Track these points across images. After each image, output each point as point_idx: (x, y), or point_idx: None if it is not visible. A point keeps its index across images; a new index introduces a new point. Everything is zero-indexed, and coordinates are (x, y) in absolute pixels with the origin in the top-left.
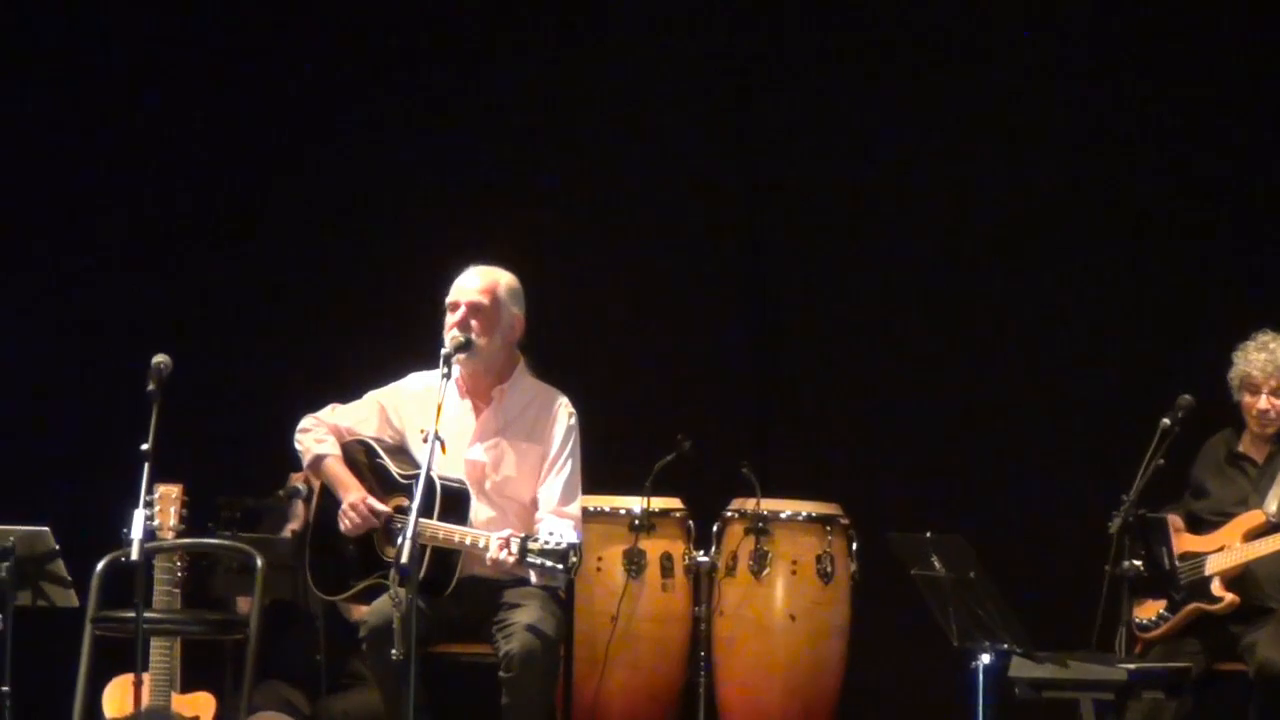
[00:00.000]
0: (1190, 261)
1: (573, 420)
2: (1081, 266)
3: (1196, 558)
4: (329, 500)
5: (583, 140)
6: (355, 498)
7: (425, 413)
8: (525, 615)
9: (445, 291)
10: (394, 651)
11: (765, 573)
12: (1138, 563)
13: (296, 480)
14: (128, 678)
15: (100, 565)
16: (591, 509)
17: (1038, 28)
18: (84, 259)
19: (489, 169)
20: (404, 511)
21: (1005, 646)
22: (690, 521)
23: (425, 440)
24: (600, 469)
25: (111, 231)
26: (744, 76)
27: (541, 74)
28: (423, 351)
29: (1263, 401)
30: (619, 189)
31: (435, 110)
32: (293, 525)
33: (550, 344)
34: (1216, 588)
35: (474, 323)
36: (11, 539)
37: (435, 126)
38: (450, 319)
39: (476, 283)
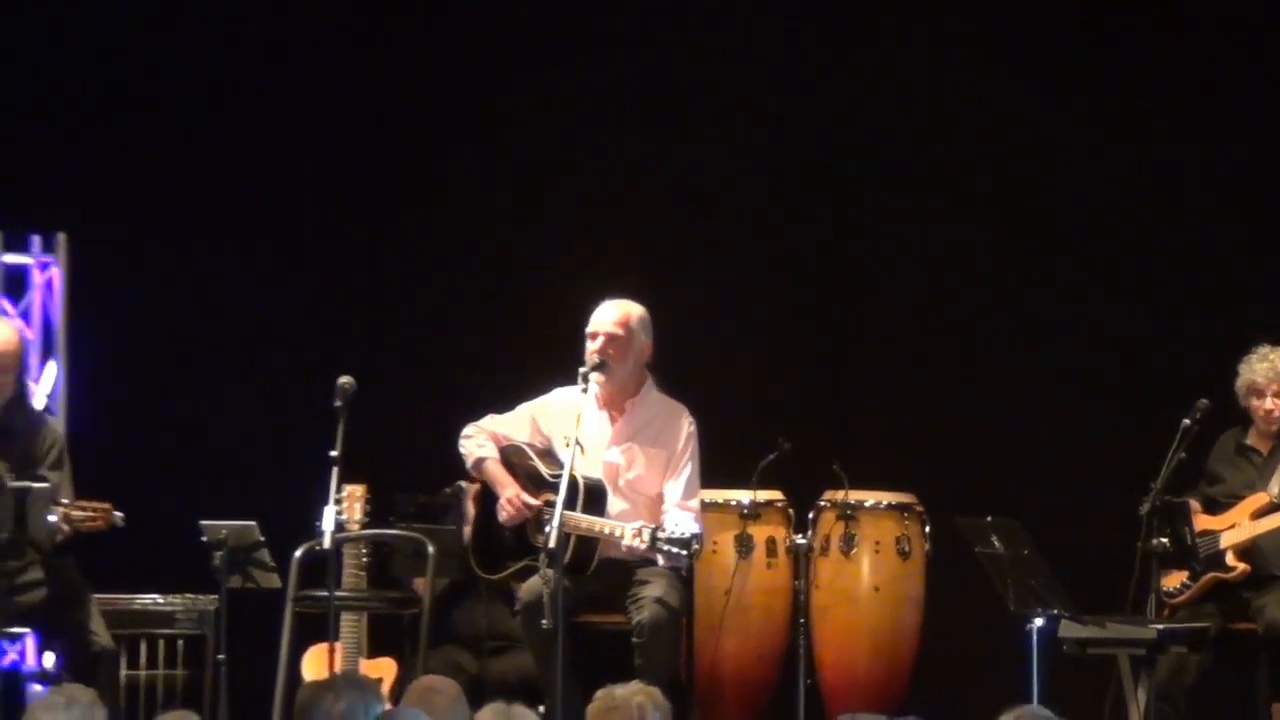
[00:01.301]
0: (1206, 280)
1: (692, 428)
2: (1110, 286)
3: (1212, 534)
4: (489, 496)
5: (685, 183)
6: (511, 493)
7: (568, 421)
8: (654, 590)
9: (583, 319)
10: (544, 622)
11: (853, 552)
12: (1164, 540)
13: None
14: (323, 647)
15: (298, 553)
16: (708, 501)
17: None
18: (291, 292)
19: (617, 211)
20: (551, 505)
21: (1055, 612)
22: (790, 510)
23: (568, 445)
24: (715, 467)
25: (313, 262)
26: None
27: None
28: (565, 370)
29: (1268, 403)
30: (726, 226)
31: (577, 150)
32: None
33: (676, 364)
34: (1230, 559)
35: (611, 350)
36: (224, 532)
37: (574, 168)
38: (591, 345)
39: (613, 315)
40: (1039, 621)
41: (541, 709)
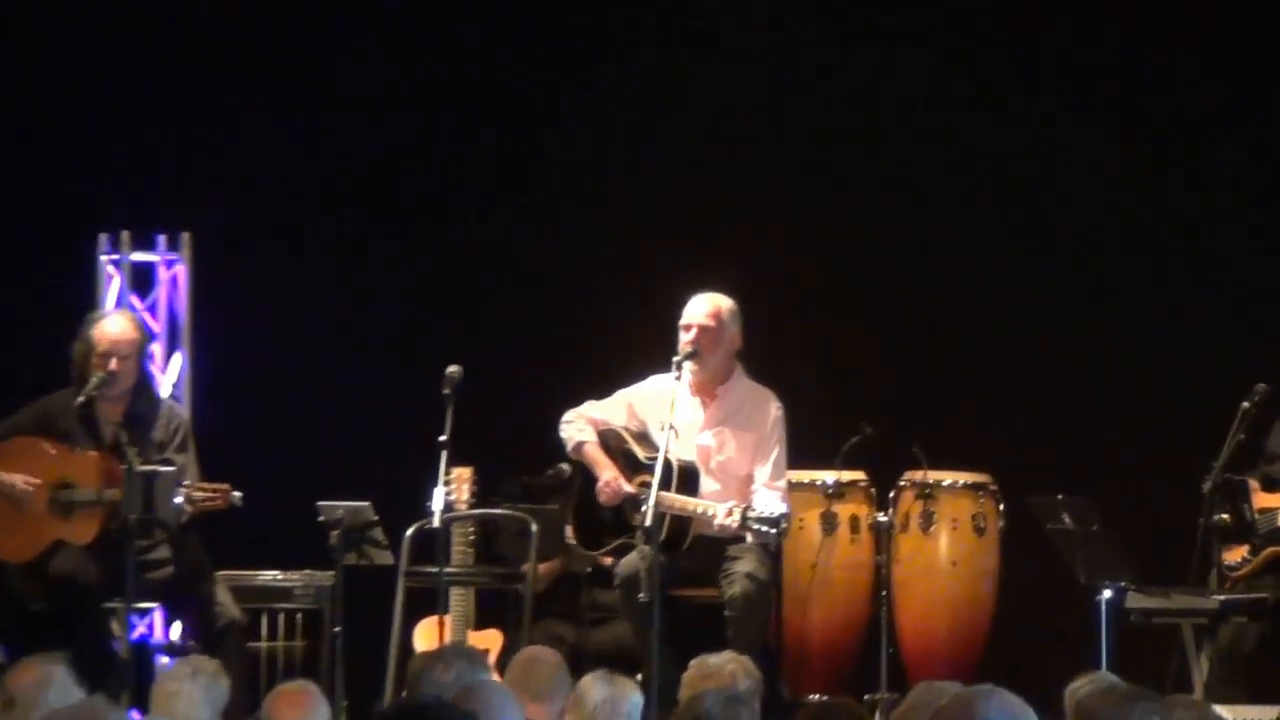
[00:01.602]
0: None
1: (779, 413)
2: (1177, 280)
3: (1271, 511)
4: (589, 477)
5: (770, 178)
6: (609, 475)
7: (663, 407)
8: (745, 565)
9: (675, 310)
10: (641, 595)
11: (932, 529)
12: (1225, 516)
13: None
14: (433, 619)
15: (410, 531)
16: (795, 481)
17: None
18: (401, 282)
19: (708, 206)
20: (647, 486)
21: (1122, 584)
22: (872, 489)
23: (663, 429)
24: (802, 449)
25: (421, 253)
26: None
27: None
28: (659, 359)
29: None
30: (810, 219)
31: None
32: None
33: (764, 353)
34: None
35: (703, 340)
36: (340, 512)
37: (676, 175)
38: (684, 337)
39: (705, 308)
40: (1108, 593)
41: (639, 677)
